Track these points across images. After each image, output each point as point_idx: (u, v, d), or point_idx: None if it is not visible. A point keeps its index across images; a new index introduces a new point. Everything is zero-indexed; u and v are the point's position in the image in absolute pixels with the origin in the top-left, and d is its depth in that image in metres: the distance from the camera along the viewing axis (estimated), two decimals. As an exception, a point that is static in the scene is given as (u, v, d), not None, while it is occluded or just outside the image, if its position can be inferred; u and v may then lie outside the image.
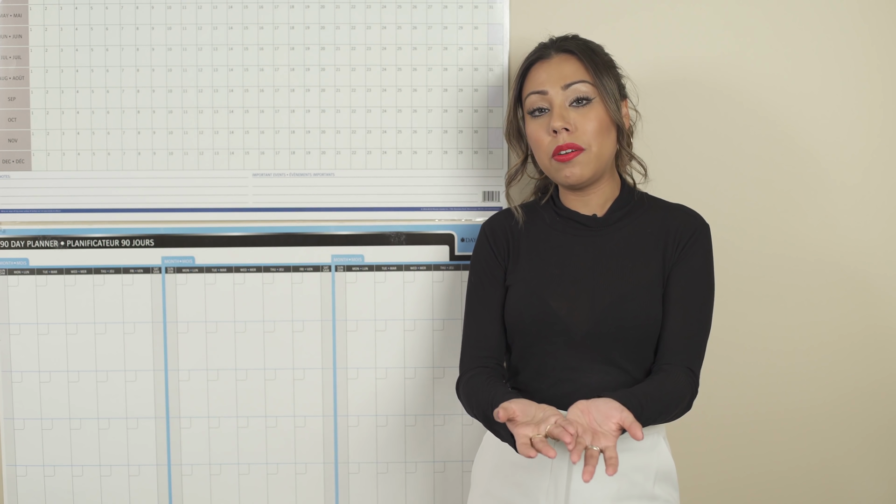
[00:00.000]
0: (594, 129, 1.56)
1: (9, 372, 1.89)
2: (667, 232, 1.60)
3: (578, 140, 1.55)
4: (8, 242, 1.87)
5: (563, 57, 1.59)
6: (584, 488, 1.54)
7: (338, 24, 1.86)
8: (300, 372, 1.90)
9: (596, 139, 1.56)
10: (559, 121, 1.55)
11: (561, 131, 1.55)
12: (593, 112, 1.57)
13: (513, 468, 1.60)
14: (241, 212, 1.88)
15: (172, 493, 1.91)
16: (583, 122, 1.56)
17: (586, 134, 1.56)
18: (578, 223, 1.62)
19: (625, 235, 1.60)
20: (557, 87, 1.57)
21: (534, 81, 1.60)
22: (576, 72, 1.58)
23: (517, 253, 1.64)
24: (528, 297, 1.59)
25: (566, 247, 1.61)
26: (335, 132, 1.87)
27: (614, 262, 1.58)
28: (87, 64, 1.85)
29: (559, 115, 1.56)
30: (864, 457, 1.95)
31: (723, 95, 1.88)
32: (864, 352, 1.93)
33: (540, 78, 1.59)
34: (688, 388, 1.54)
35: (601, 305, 1.55)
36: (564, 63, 1.59)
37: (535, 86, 1.59)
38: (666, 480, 1.59)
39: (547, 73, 1.58)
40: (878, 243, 1.91)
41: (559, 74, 1.57)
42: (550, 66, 1.59)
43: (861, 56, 1.88)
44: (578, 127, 1.55)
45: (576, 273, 1.58)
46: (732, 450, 1.93)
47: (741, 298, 1.90)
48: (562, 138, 1.55)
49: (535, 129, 1.59)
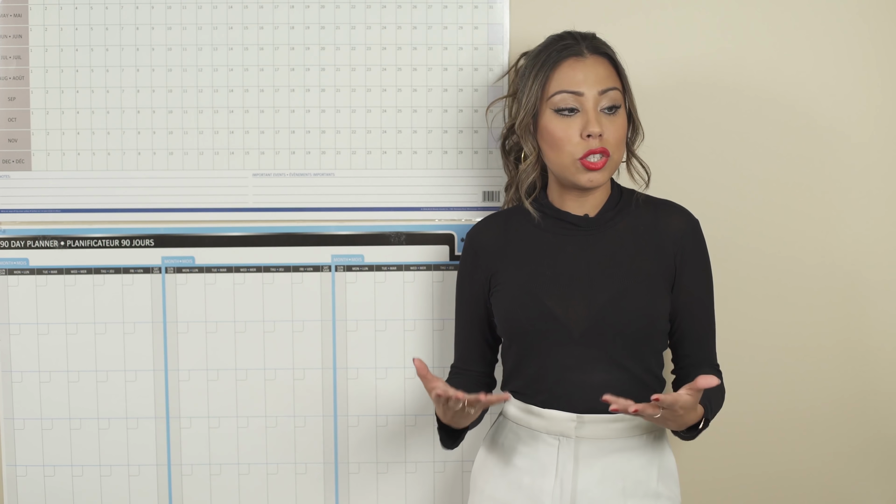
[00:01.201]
0: (619, 137, 1.56)
1: (9, 372, 1.89)
2: (662, 231, 1.60)
3: (607, 145, 1.55)
4: (8, 242, 1.87)
5: (597, 59, 1.57)
6: (591, 488, 1.54)
7: (338, 24, 1.86)
8: (300, 372, 1.90)
9: (619, 147, 1.57)
10: (597, 126, 1.53)
11: (596, 136, 1.54)
12: (620, 120, 1.57)
13: (517, 471, 1.60)
14: (241, 212, 1.88)
15: (172, 493, 1.91)
16: (612, 129, 1.55)
17: (612, 141, 1.55)
18: (569, 223, 1.61)
19: (617, 234, 1.60)
20: (594, 91, 1.54)
21: (567, 79, 1.56)
22: (609, 77, 1.56)
23: (505, 258, 1.63)
24: (523, 299, 1.58)
25: (557, 247, 1.60)
26: (335, 132, 1.87)
27: (608, 260, 1.58)
28: (87, 64, 1.85)
29: (596, 120, 1.54)
30: (864, 457, 1.95)
31: (723, 94, 1.88)
32: (864, 352, 1.93)
33: (576, 77, 1.55)
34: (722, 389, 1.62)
35: (598, 303, 1.55)
36: (600, 66, 1.56)
37: (570, 84, 1.55)
38: (669, 477, 1.61)
39: (584, 73, 1.55)
40: (879, 244, 1.91)
41: (595, 77, 1.55)
42: (587, 67, 1.56)
43: (861, 56, 1.88)
44: (606, 133, 1.55)
45: (570, 272, 1.58)
46: (732, 448, 1.93)
47: (741, 298, 1.89)
48: (594, 143, 1.54)
49: (563, 128, 1.55)
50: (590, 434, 1.55)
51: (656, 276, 1.58)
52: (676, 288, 1.60)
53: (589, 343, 1.55)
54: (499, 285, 1.62)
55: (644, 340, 1.57)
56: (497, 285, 1.62)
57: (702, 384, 1.35)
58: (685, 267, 1.60)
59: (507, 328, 1.61)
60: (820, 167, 1.90)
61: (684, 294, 1.60)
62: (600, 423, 1.55)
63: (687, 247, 1.60)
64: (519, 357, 1.61)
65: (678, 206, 1.65)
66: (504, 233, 1.65)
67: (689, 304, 1.61)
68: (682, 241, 1.60)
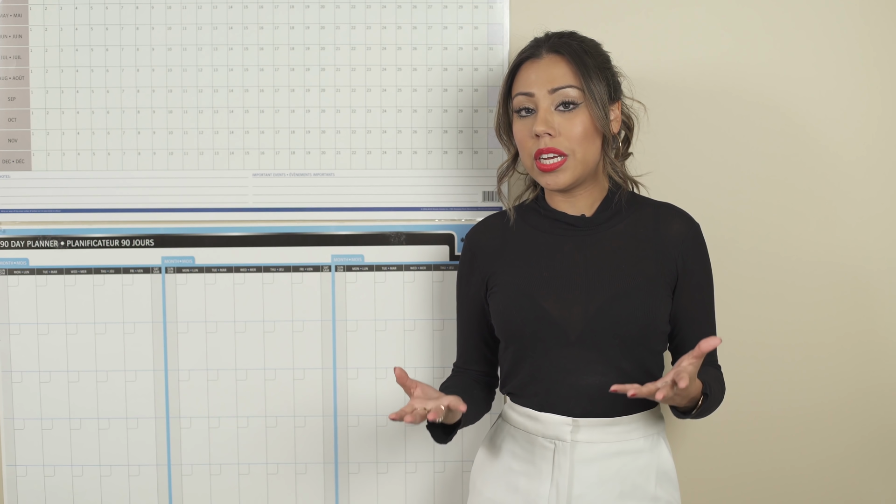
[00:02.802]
0: (579, 134, 1.54)
1: (9, 372, 1.89)
2: (662, 234, 1.60)
3: (561, 145, 1.53)
4: (8, 242, 1.87)
5: (553, 58, 1.56)
6: (587, 492, 1.54)
7: (338, 24, 1.86)
8: (300, 372, 1.90)
9: (581, 145, 1.54)
10: (542, 125, 1.53)
11: (543, 136, 1.53)
12: (579, 117, 1.54)
13: (514, 474, 1.59)
14: (241, 212, 1.88)
15: (172, 493, 1.91)
16: (567, 127, 1.53)
17: (571, 139, 1.53)
18: (566, 224, 1.61)
19: (615, 235, 1.59)
20: (544, 90, 1.54)
21: (522, 81, 1.57)
22: (564, 75, 1.55)
23: (502, 259, 1.63)
24: (518, 300, 1.58)
25: (555, 248, 1.60)
26: (335, 132, 1.87)
27: (606, 262, 1.57)
28: (87, 64, 1.85)
29: (543, 119, 1.53)
30: (864, 457, 1.95)
31: (722, 94, 1.88)
32: (864, 351, 1.93)
33: (529, 78, 1.56)
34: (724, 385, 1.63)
35: (595, 305, 1.54)
36: (553, 65, 1.56)
37: (523, 86, 1.56)
38: (667, 481, 1.59)
39: (536, 74, 1.56)
40: (879, 243, 1.91)
41: (547, 77, 1.55)
42: (540, 68, 1.56)
43: (861, 57, 1.88)
44: (563, 132, 1.53)
45: (567, 273, 1.57)
46: (732, 448, 1.93)
47: (741, 298, 1.90)
48: (543, 142, 1.53)
49: (520, 130, 1.57)
50: (586, 438, 1.54)
51: (655, 279, 1.57)
52: (678, 292, 1.59)
53: (585, 345, 1.54)
54: (495, 287, 1.62)
55: (641, 343, 1.56)
56: (494, 287, 1.62)
57: (705, 347, 1.35)
58: (687, 271, 1.59)
59: (503, 330, 1.61)
60: (819, 168, 1.90)
61: (685, 298, 1.59)
62: (596, 426, 1.54)
63: (688, 252, 1.59)
64: (515, 359, 1.60)
65: (679, 209, 1.64)
66: (502, 234, 1.65)
67: (690, 309, 1.60)
68: (684, 246, 1.59)
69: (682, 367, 1.36)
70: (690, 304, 1.60)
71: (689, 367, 1.37)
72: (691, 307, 1.60)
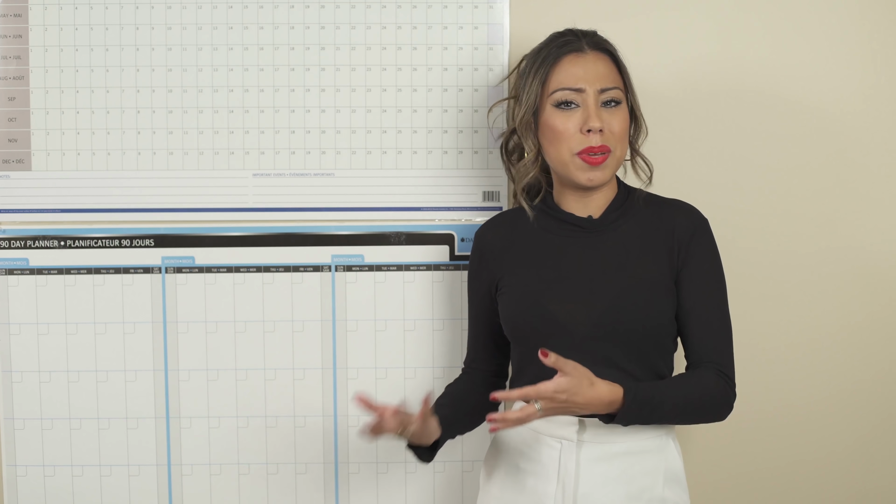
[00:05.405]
0: (621, 131, 1.56)
1: (9, 372, 1.89)
2: (666, 231, 1.59)
3: (608, 142, 1.54)
4: (8, 242, 1.87)
5: (597, 55, 1.57)
6: (593, 492, 1.53)
7: (338, 24, 1.86)
8: (300, 372, 1.90)
9: (621, 142, 1.56)
10: (598, 121, 1.53)
11: (596, 132, 1.53)
12: (621, 114, 1.56)
13: (521, 473, 1.59)
14: (241, 212, 1.88)
15: (172, 493, 1.91)
16: (612, 124, 1.54)
17: (614, 136, 1.55)
18: (573, 225, 1.60)
19: (622, 236, 1.59)
20: (595, 87, 1.54)
21: (568, 75, 1.55)
22: (610, 73, 1.56)
23: (510, 259, 1.63)
24: (525, 302, 1.58)
25: (562, 249, 1.59)
26: (335, 132, 1.87)
27: (613, 263, 1.57)
28: (87, 64, 1.85)
29: (597, 116, 1.53)
30: (870, 453, 1.94)
31: (724, 93, 1.88)
32: (868, 347, 1.93)
33: (576, 73, 1.55)
34: (717, 390, 1.53)
35: (601, 307, 1.54)
36: (600, 62, 1.56)
37: (570, 81, 1.55)
38: (675, 482, 1.57)
39: (584, 69, 1.55)
40: (882, 239, 1.91)
41: (596, 74, 1.55)
42: (587, 63, 1.56)
43: (863, 56, 1.88)
44: (607, 129, 1.54)
45: (573, 275, 1.57)
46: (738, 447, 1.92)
47: (744, 296, 1.88)
48: (595, 139, 1.53)
49: (562, 122, 1.55)
50: (592, 438, 1.54)
51: (661, 278, 1.56)
52: (679, 286, 1.57)
53: (591, 346, 1.53)
54: (504, 287, 1.62)
55: (648, 344, 1.55)
56: (502, 287, 1.62)
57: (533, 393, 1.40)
58: (686, 263, 1.57)
59: (510, 331, 1.61)
60: (823, 166, 1.90)
61: (685, 290, 1.57)
62: (602, 426, 1.53)
63: (689, 242, 1.57)
64: (522, 359, 1.60)
65: (686, 204, 1.63)
66: (510, 233, 1.65)
67: (694, 304, 1.56)
68: (683, 237, 1.57)
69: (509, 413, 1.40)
70: (693, 298, 1.56)
71: (511, 416, 1.40)
72: (695, 303, 1.56)
